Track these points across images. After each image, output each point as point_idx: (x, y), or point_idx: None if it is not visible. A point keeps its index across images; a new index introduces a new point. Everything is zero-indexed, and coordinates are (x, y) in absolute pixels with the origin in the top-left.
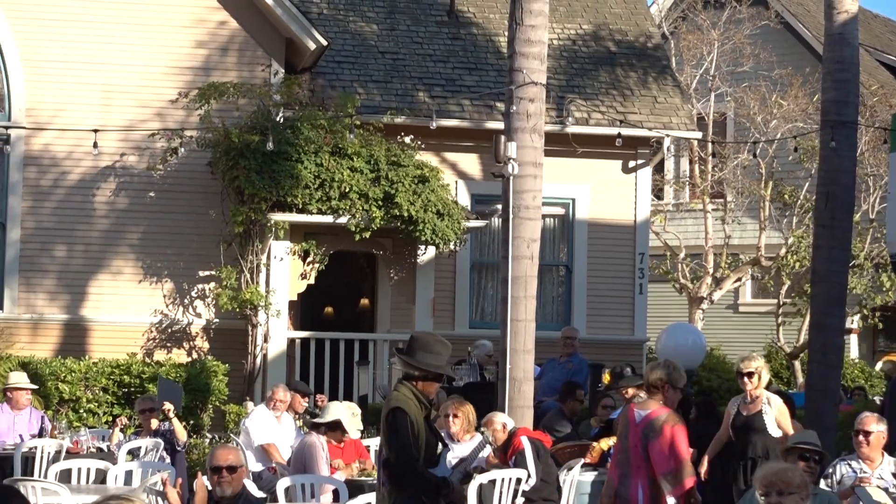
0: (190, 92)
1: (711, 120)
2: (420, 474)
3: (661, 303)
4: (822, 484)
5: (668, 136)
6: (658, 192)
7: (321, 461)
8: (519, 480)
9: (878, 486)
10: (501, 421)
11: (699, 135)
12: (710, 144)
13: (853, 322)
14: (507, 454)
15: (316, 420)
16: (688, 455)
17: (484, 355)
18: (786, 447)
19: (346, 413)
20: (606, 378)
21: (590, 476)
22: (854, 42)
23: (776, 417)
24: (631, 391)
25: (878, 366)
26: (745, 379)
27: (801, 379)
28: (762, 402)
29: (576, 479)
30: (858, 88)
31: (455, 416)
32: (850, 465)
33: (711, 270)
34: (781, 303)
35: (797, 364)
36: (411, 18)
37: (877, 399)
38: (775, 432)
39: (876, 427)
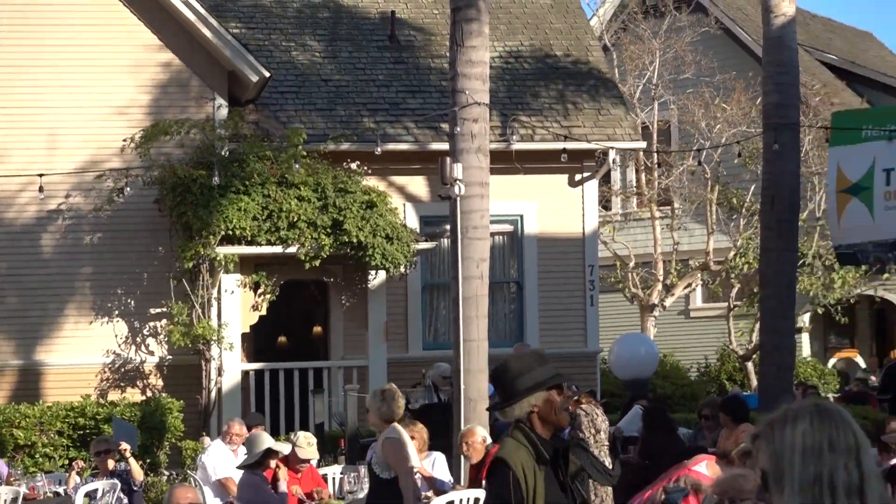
0: (135, 135)
1: (656, 128)
2: None
3: (613, 313)
4: None
5: (612, 148)
6: (605, 203)
7: (268, 494)
8: (477, 500)
9: None
10: (482, 434)
11: (643, 144)
12: (655, 153)
13: (803, 321)
14: (482, 472)
15: (243, 464)
16: None
17: (438, 376)
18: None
19: (268, 439)
20: None
21: None
22: (793, 45)
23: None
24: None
25: (832, 363)
26: None
27: (754, 381)
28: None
29: None
30: (799, 90)
31: (412, 437)
32: None
33: (662, 278)
34: (732, 306)
35: (750, 365)
36: (353, 45)
37: (830, 396)
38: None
39: None
